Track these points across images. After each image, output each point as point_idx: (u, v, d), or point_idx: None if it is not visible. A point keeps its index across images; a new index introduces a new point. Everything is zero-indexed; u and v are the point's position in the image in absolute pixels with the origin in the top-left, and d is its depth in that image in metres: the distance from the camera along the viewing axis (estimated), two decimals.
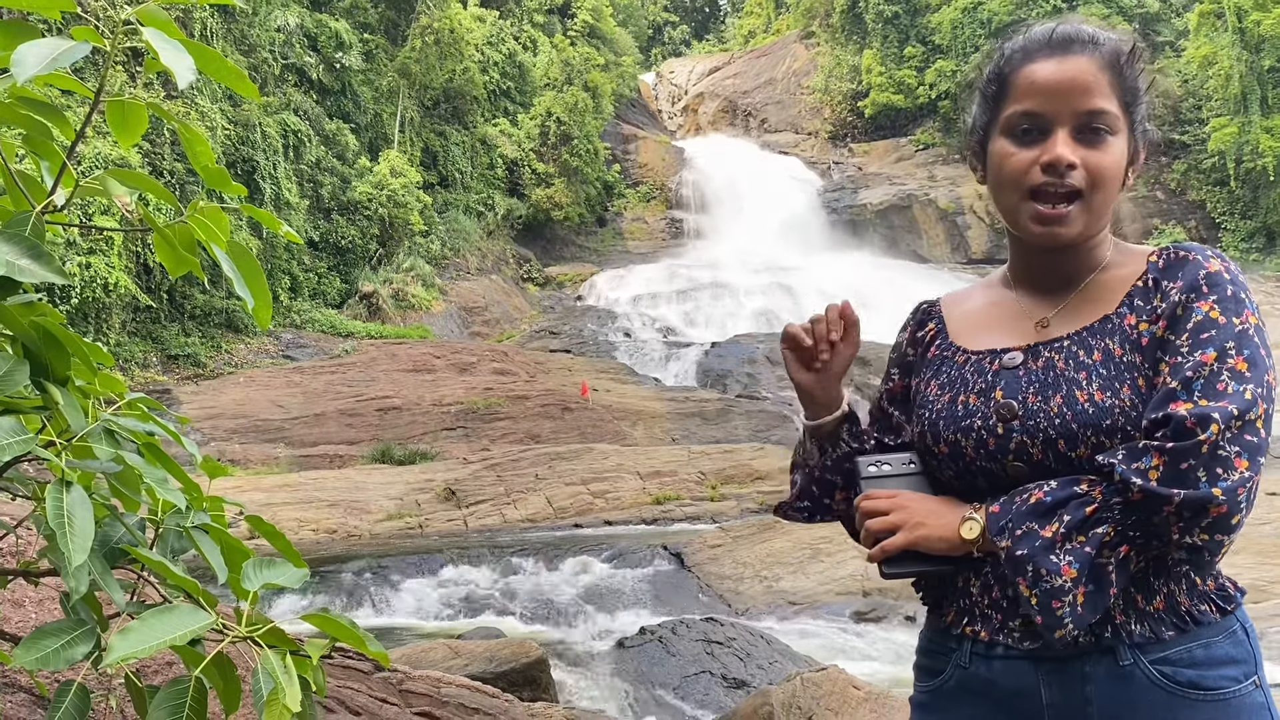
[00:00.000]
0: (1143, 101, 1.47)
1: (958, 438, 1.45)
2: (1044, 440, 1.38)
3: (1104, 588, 1.28)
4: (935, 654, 1.51)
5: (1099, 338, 1.40)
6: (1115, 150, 1.43)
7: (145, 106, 0.95)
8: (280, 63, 30.44)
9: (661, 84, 59.91)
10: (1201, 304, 1.32)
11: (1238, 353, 1.28)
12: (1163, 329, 1.34)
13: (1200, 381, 1.27)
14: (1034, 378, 1.42)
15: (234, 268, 0.95)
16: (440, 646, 7.07)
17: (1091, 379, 1.37)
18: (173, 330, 24.38)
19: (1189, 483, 1.23)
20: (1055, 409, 1.37)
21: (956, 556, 1.40)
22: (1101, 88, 1.41)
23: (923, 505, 1.42)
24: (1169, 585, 1.35)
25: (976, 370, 1.50)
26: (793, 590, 10.67)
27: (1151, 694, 1.31)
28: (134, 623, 0.77)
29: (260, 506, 15.42)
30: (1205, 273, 1.35)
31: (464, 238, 35.09)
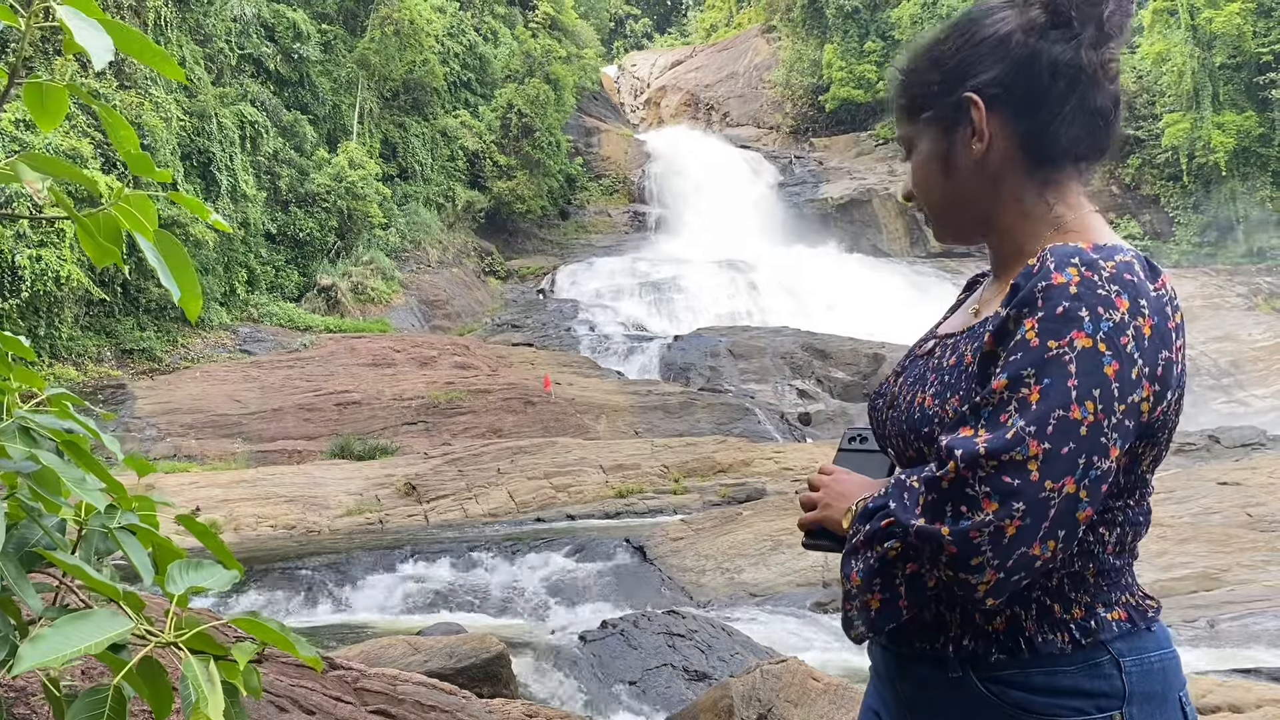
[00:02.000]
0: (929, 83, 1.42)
1: (870, 413, 1.52)
2: (897, 433, 1.42)
3: (896, 599, 1.28)
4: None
5: (967, 341, 1.37)
6: (917, 163, 1.46)
7: (65, 89, 0.90)
8: (237, 53, 30.01)
9: (624, 77, 59.84)
10: (1027, 321, 1.21)
11: (1036, 381, 1.17)
12: (989, 344, 1.26)
13: (988, 410, 1.20)
14: (917, 371, 1.45)
15: (159, 257, 0.91)
16: (400, 642, 7.01)
17: (934, 383, 1.37)
18: (127, 324, 23.98)
19: (935, 517, 1.19)
20: (905, 405, 1.41)
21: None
22: (897, 118, 1.51)
23: (842, 486, 1.43)
24: (1015, 608, 1.29)
25: (910, 353, 1.54)
26: (754, 582, 10.70)
27: (985, 707, 1.29)
28: (47, 629, 0.74)
29: (217, 502, 15.23)
30: (1045, 284, 1.21)
31: (424, 230, 34.83)
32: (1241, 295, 32.45)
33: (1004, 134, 1.36)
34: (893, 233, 40.88)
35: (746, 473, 16.91)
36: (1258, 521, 10.89)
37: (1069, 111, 1.35)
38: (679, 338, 28.94)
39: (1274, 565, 9.52)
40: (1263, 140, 35.81)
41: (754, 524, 11.80)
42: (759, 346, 27.48)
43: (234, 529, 14.43)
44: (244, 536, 14.14)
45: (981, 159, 1.37)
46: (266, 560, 11.88)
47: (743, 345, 27.56)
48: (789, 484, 15.64)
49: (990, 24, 1.37)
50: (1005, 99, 1.35)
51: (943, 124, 1.40)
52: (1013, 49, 1.34)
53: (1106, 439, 1.17)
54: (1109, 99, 1.37)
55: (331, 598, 11.01)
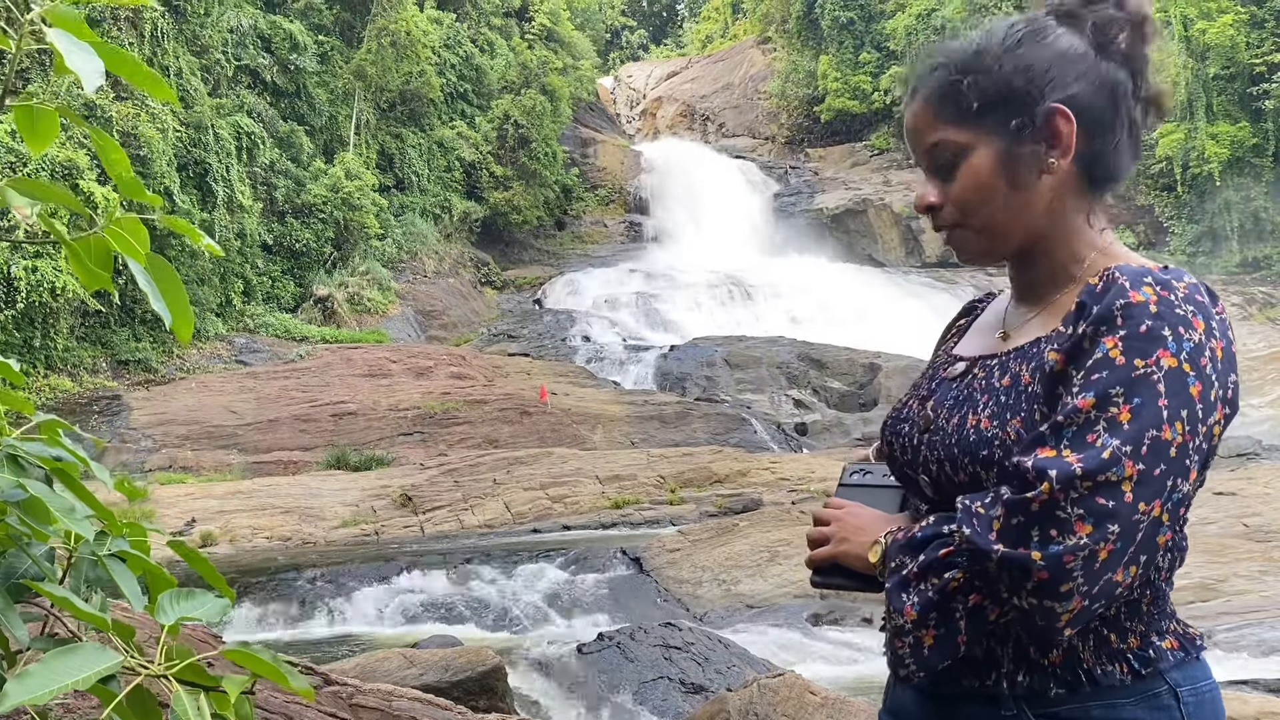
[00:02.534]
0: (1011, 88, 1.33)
1: (892, 438, 1.44)
2: (938, 458, 1.34)
3: (954, 634, 1.23)
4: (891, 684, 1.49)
5: (1019, 361, 1.33)
6: (971, 172, 1.34)
7: (56, 112, 0.90)
8: (234, 64, 30.04)
9: (620, 88, 59.96)
10: (1108, 339, 1.18)
11: (1125, 400, 1.14)
12: (1061, 362, 1.22)
13: (1071, 429, 1.15)
14: (955, 393, 1.38)
15: (150, 281, 0.90)
16: (395, 655, 6.98)
17: (988, 405, 1.31)
18: (123, 335, 23.94)
19: (1018, 541, 1.14)
20: (951, 429, 1.33)
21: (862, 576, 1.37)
22: (931, 121, 1.37)
23: (858, 520, 1.39)
24: (1076, 641, 1.25)
25: (931, 375, 1.48)
26: (751, 593, 10.68)
27: None
28: (34, 665, 0.72)
29: (213, 513, 15.19)
30: (1124, 303, 1.18)
31: (421, 241, 34.84)
32: (1236, 305, 32.52)
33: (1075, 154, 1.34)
34: (888, 243, 40.95)
35: (743, 483, 16.90)
36: (1254, 532, 10.90)
37: (1128, 138, 1.35)
38: (675, 347, 28.94)
39: (1270, 575, 9.52)
40: (1256, 150, 35.94)
41: (750, 535, 11.78)
42: (755, 356, 27.49)
43: (229, 540, 14.38)
44: (239, 548, 14.10)
45: (1053, 177, 1.33)
46: (262, 572, 11.84)
47: (739, 355, 27.56)
48: (785, 494, 15.62)
49: (1064, 39, 1.34)
50: (1082, 117, 1.32)
51: (1018, 133, 1.33)
52: (1089, 69, 1.32)
53: (1190, 461, 1.15)
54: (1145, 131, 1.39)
55: (326, 610, 10.97)
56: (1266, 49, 36.28)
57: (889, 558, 1.29)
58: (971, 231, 1.37)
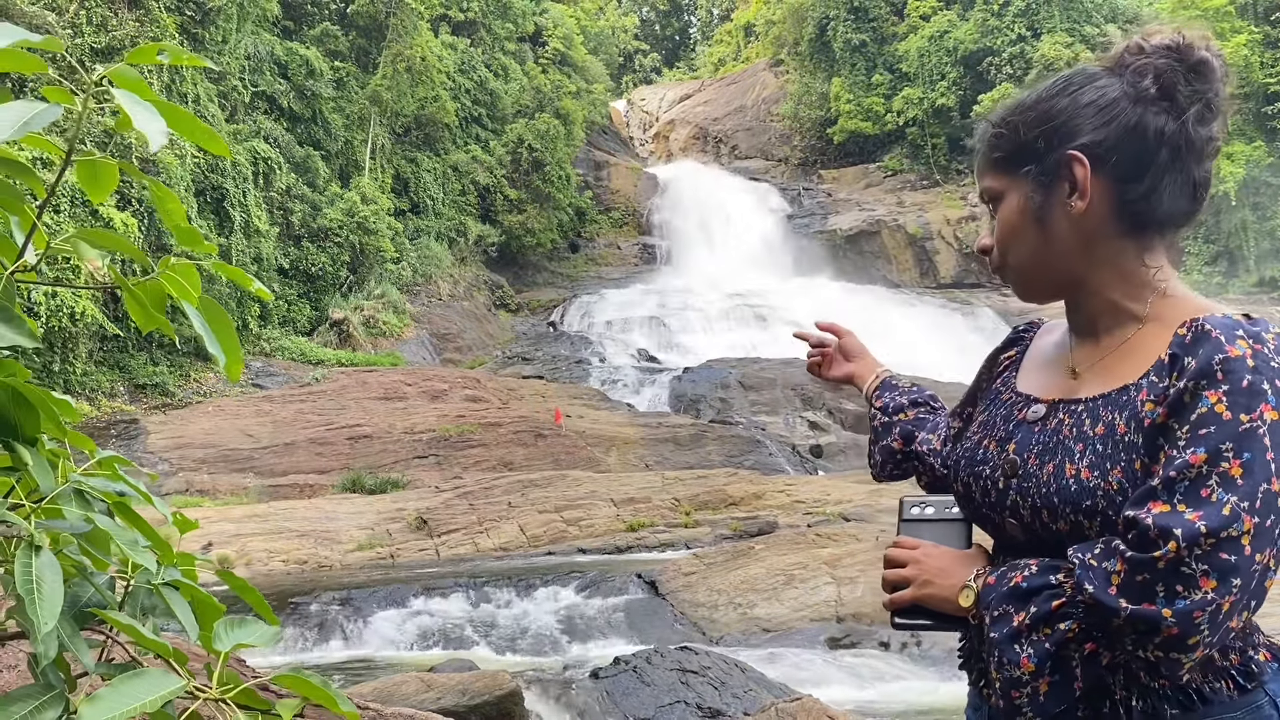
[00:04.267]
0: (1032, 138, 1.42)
1: (970, 480, 1.45)
2: (1032, 506, 1.36)
3: (1069, 680, 1.26)
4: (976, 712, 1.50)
5: (1110, 409, 1.34)
6: (1003, 216, 1.46)
7: (116, 165, 0.95)
8: (250, 90, 30.39)
9: (633, 111, 60.33)
10: (1210, 394, 1.20)
11: (1235, 455, 1.16)
12: (1163, 416, 1.24)
13: (1184, 484, 1.17)
14: (1042, 438, 1.39)
15: (205, 324, 0.95)
16: (412, 679, 7.01)
17: (1085, 453, 1.32)
18: (140, 359, 24.14)
19: (1143, 597, 1.17)
20: (1046, 477, 1.35)
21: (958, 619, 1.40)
22: (984, 170, 1.49)
23: (937, 561, 1.41)
24: None
25: (1005, 415, 1.49)
26: (767, 617, 10.65)
27: None
28: (104, 689, 0.77)
29: (229, 537, 15.25)
30: (1222, 357, 1.21)
31: (435, 264, 35.06)
32: None
33: (1104, 197, 1.38)
34: (902, 264, 40.96)
35: (758, 506, 16.87)
36: None
37: (1171, 181, 1.39)
38: (689, 369, 28.97)
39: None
40: (1272, 170, 35.88)
41: (766, 558, 11.76)
42: (769, 378, 27.49)
43: (245, 564, 14.44)
44: (255, 571, 14.15)
45: (1079, 218, 1.38)
46: (278, 596, 11.88)
47: (753, 377, 27.57)
48: (801, 517, 15.59)
49: (1096, 89, 1.40)
50: (1108, 162, 1.37)
51: (1041, 180, 1.41)
52: (1118, 115, 1.37)
53: None
54: (1205, 173, 1.42)
55: (343, 633, 10.99)
56: None
57: (989, 606, 1.31)
58: (1011, 271, 1.46)
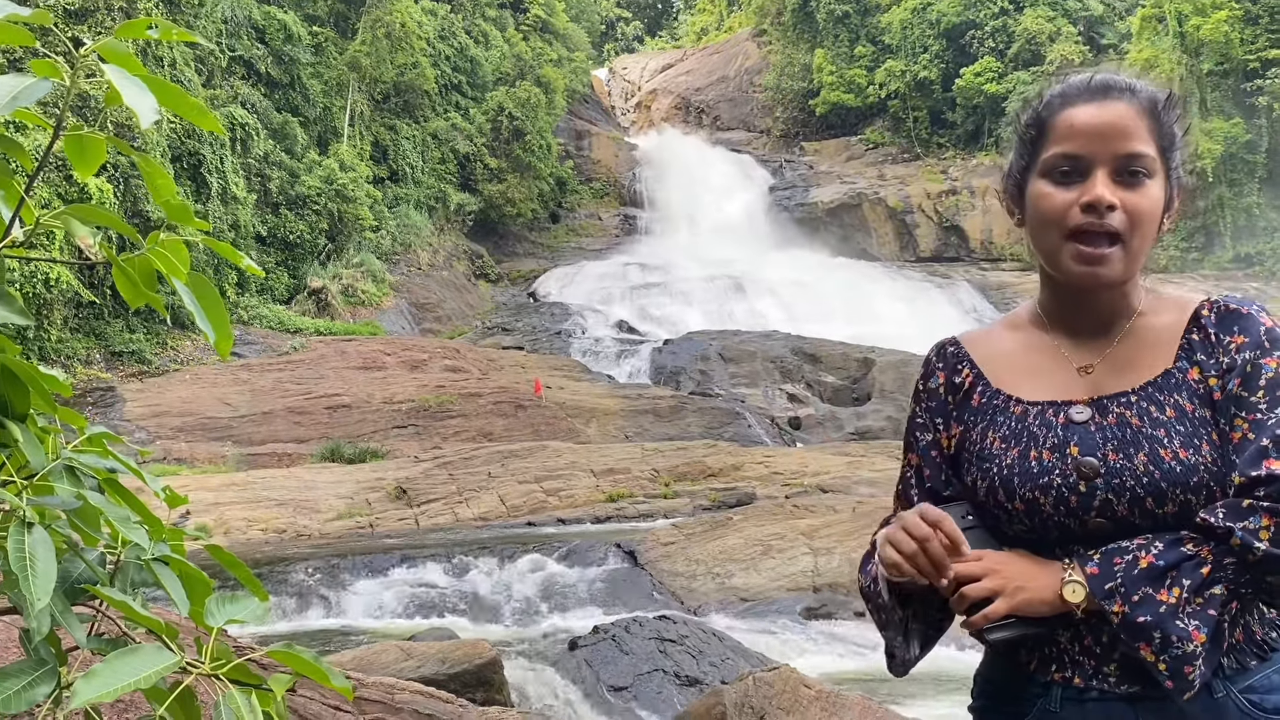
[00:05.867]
0: (1179, 148, 1.49)
1: (1035, 495, 1.45)
2: (1130, 498, 1.39)
3: (1219, 644, 1.34)
4: (1013, 699, 1.50)
5: (1166, 393, 1.43)
6: (1153, 193, 1.44)
7: (104, 140, 0.94)
8: (227, 55, 29.97)
9: (614, 80, 59.91)
10: (1269, 360, 1.37)
11: None
12: (1237, 385, 1.38)
13: None
14: (1110, 434, 1.43)
15: (195, 301, 0.95)
16: (392, 648, 7.03)
17: (1172, 436, 1.39)
18: (116, 326, 23.92)
19: None
20: (1141, 467, 1.39)
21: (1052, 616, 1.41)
22: (1140, 132, 1.44)
23: (1015, 568, 1.43)
24: (1244, 617, 1.38)
25: (1042, 423, 1.48)
26: (745, 587, 10.75)
27: None
28: (99, 665, 0.77)
29: (208, 506, 15.20)
30: (1265, 329, 1.40)
31: (415, 233, 34.82)
32: None
33: None
34: (882, 237, 41.03)
35: (737, 477, 16.97)
36: None
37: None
38: (669, 341, 28.98)
39: None
40: (1249, 147, 36.06)
41: (744, 529, 11.85)
42: (749, 350, 27.55)
43: (224, 533, 14.41)
44: (234, 540, 14.12)
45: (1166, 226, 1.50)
46: (257, 564, 11.87)
47: (733, 349, 27.62)
48: (779, 489, 15.70)
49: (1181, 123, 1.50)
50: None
51: (1169, 182, 1.48)
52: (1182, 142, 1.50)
53: None
54: None
55: (323, 602, 11.01)
56: (1260, 45, 36.38)
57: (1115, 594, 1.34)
58: (1126, 250, 1.44)
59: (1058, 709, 1.44)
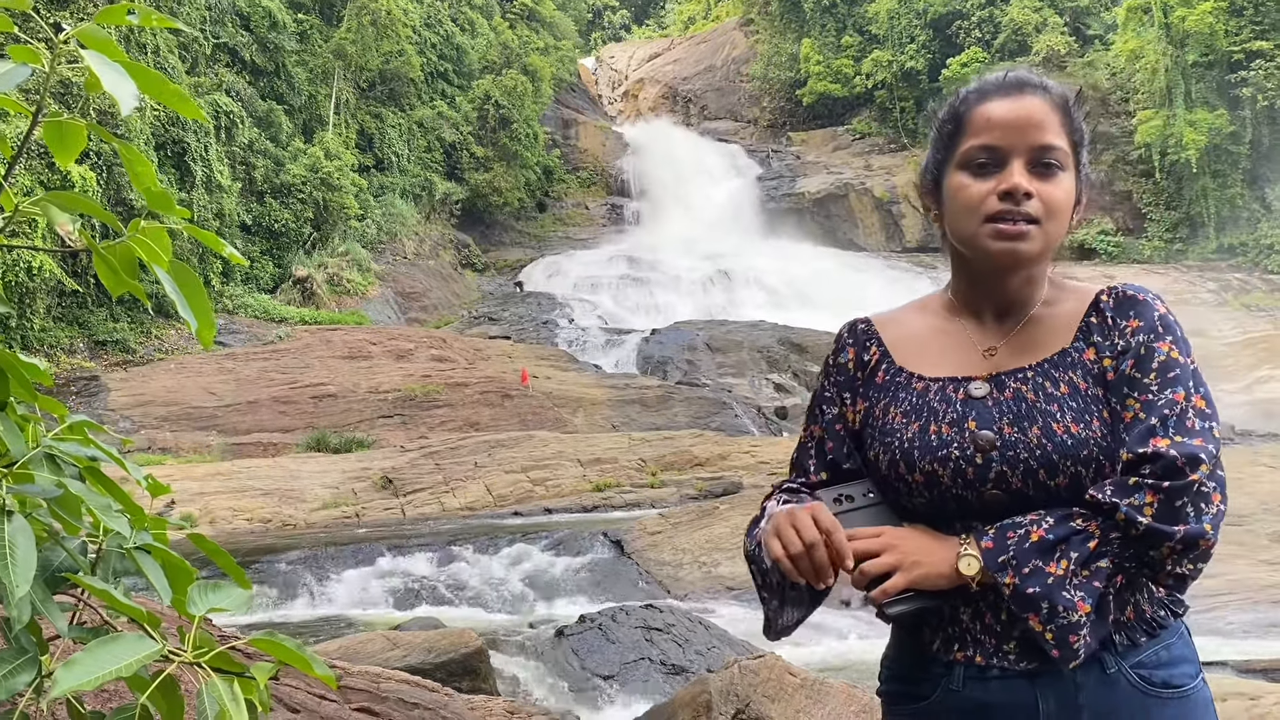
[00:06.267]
0: (1085, 145, 1.55)
1: (934, 467, 1.49)
2: (1024, 470, 1.44)
3: (1104, 616, 1.40)
4: (917, 680, 1.53)
5: (1062, 370, 1.48)
6: (1065, 184, 1.50)
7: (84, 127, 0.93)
8: (212, 42, 29.76)
9: (601, 69, 59.74)
10: (1160, 344, 1.43)
11: (1196, 391, 1.41)
12: (1130, 367, 1.44)
13: (1174, 420, 1.38)
14: (1006, 409, 1.48)
15: (177, 288, 0.95)
16: (378, 637, 7.03)
17: (1065, 411, 1.45)
18: (100, 315, 23.77)
19: (1183, 519, 1.33)
20: (1035, 440, 1.44)
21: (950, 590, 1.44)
22: (1053, 125, 1.50)
23: (913, 543, 1.46)
24: (1135, 596, 1.45)
25: (942, 399, 1.53)
26: (731, 575, 10.78)
27: (1132, 696, 1.42)
28: (79, 653, 0.77)
29: (192, 495, 15.16)
30: (1159, 314, 1.47)
31: (401, 222, 34.70)
32: (1212, 292, 32.87)
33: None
34: (868, 227, 41.09)
35: (723, 466, 17.00)
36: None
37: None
38: (656, 331, 28.99)
39: (1240, 559, 9.70)
40: (1233, 138, 36.23)
41: (730, 518, 11.88)
42: (736, 340, 27.59)
43: (209, 522, 14.37)
44: (219, 530, 14.09)
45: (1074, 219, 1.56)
46: (242, 554, 11.84)
47: (720, 339, 27.65)
48: (765, 478, 15.73)
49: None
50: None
51: (1079, 177, 1.55)
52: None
53: None
54: None
55: (308, 592, 11.00)
56: (1245, 36, 36.53)
57: (1008, 566, 1.38)
58: (1042, 233, 1.49)
59: (960, 688, 1.48)
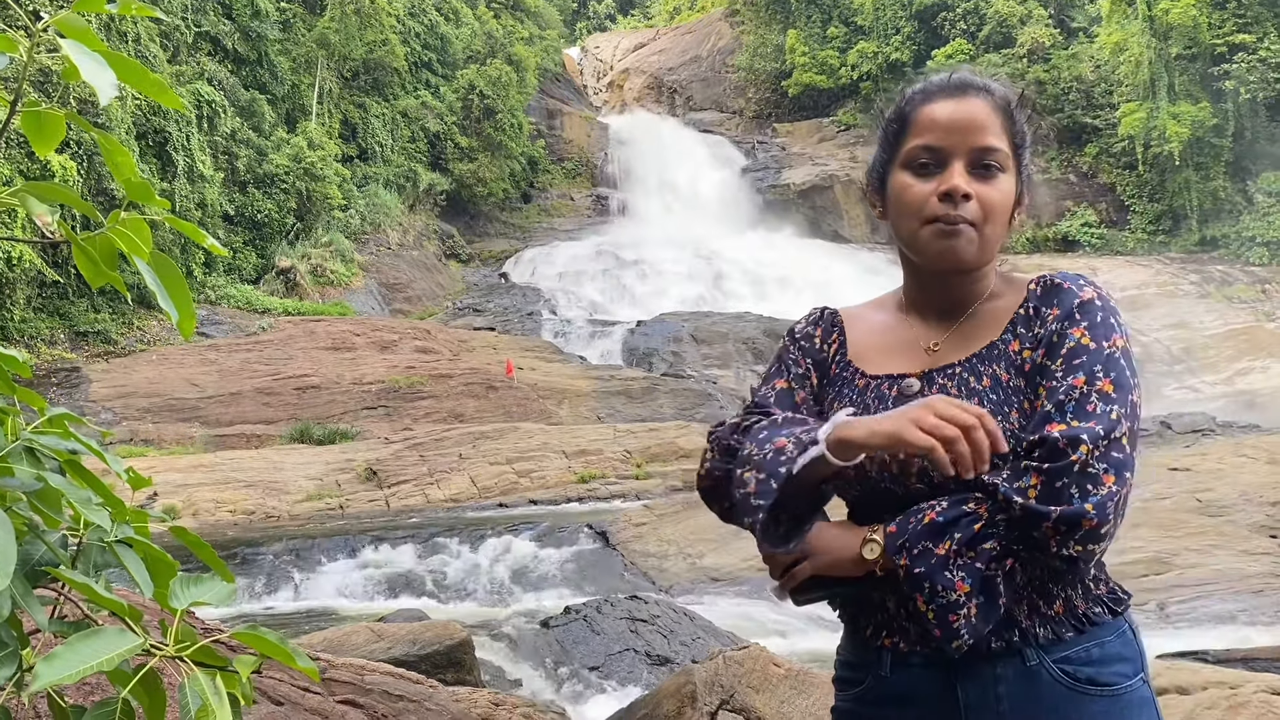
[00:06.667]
0: (1027, 147, 1.58)
1: (864, 461, 1.48)
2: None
3: (994, 599, 1.38)
4: (856, 666, 1.58)
5: (987, 364, 1.51)
6: (1005, 186, 1.53)
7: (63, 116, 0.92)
8: (193, 30, 29.51)
9: (586, 59, 59.55)
10: (1074, 330, 1.43)
11: (1105, 375, 1.39)
12: (1042, 355, 1.45)
13: (1072, 404, 1.38)
14: None
15: (157, 280, 0.94)
16: (362, 629, 7.01)
17: (983, 404, 1.46)
18: (81, 306, 23.59)
19: (1063, 499, 1.33)
20: None
21: (860, 577, 1.47)
22: (994, 127, 1.52)
23: (823, 535, 1.50)
24: (1066, 591, 1.45)
25: (877, 396, 1.58)
26: (715, 567, 10.80)
27: (1055, 690, 1.42)
28: (60, 647, 0.77)
29: (175, 487, 15.09)
30: (1079, 301, 1.46)
31: (384, 212, 34.53)
32: (1194, 283, 33.06)
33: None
34: (853, 219, 41.14)
35: None
36: (1206, 506, 11.15)
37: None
38: (642, 323, 28.98)
39: (1221, 550, 9.78)
40: (1216, 131, 36.40)
41: None
42: (721, 332, 27.61)
43: (192, 514, 14.31)
44: (202, 522, 14.03)
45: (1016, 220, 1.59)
46: (225, 546, 11.80)
47: (705, 330, 27.66)
48: None
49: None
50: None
51: (1020, 178, 1.57)
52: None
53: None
54: None
55: (292, 584, 10.97)
56: (1228, 29, 36.70)
57: (903, 548, 1.41)
58: (980, 235, 1.51)
59: (888, 673, 1.52)
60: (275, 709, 3.11)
